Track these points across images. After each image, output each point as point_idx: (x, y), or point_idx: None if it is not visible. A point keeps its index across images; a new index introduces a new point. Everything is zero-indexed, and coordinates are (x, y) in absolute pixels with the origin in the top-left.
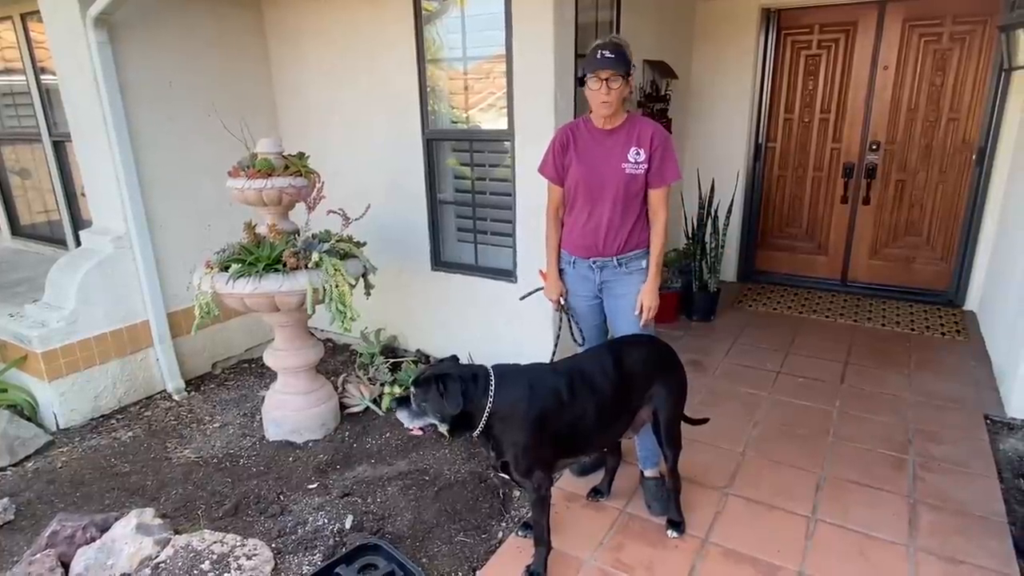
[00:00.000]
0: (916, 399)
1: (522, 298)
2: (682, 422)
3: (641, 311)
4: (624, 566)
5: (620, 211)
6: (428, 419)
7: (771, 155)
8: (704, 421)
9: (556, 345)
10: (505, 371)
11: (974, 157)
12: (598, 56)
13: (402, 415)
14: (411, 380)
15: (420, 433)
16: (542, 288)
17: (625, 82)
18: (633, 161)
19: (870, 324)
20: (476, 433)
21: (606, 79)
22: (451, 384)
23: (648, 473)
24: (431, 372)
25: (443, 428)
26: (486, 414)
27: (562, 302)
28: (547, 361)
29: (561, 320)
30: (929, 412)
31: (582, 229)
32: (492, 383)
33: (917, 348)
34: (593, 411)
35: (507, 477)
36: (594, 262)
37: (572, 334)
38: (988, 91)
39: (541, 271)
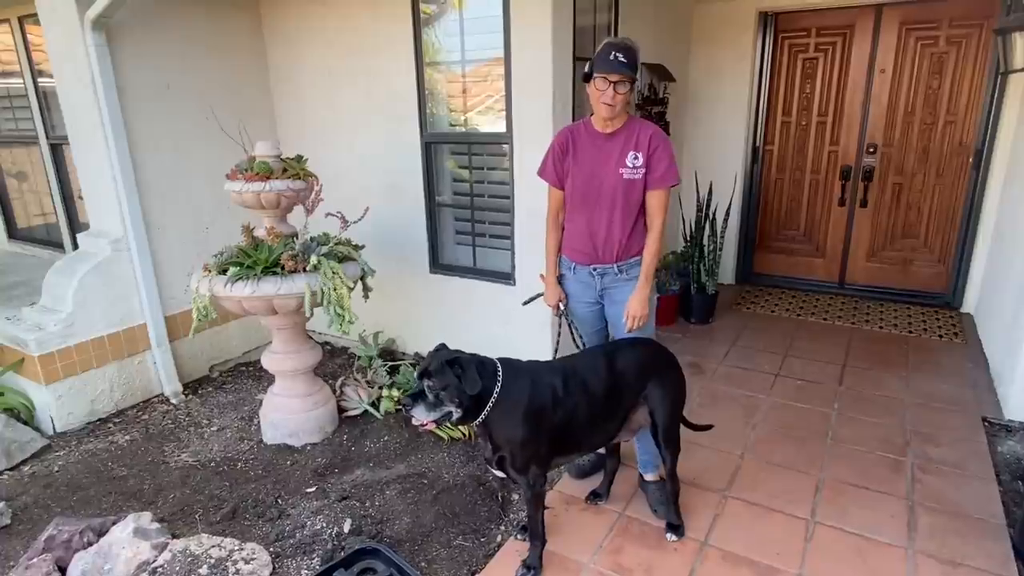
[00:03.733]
0: (914, 401)
1: (525, 303)
2: (682, 426)
3: (629, 319)
4: (623, 569)
5: (619, 217)
6: (446, 408)
7: (769, 158)
8: (708, 427)
9: (557, 347)
10: (509, 362)
11: (971, 160)
12: (611, 57)
13: (418, 411)
14: (417, 373)
15: (434, 427)
16: (542, 294)
17: (632, 87)
18: (631, 166)
19: (868, 326)
20: (478, 421)
21: (615, 82)
22: (467, 366)
23: (648, 477)
24: (438, 359)
25: (456, 416)
26: (492, 400)
27: (561, 308)
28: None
29: (561, 323)
30: (927, 414)
31: (581, 235)
32: (500, 370)
33: (915, 350)
34: (585, 409)
35: (503, 475)
36: (594, 269)
37: (573, 339)
38: (984, 94)
39: (542, 275)
